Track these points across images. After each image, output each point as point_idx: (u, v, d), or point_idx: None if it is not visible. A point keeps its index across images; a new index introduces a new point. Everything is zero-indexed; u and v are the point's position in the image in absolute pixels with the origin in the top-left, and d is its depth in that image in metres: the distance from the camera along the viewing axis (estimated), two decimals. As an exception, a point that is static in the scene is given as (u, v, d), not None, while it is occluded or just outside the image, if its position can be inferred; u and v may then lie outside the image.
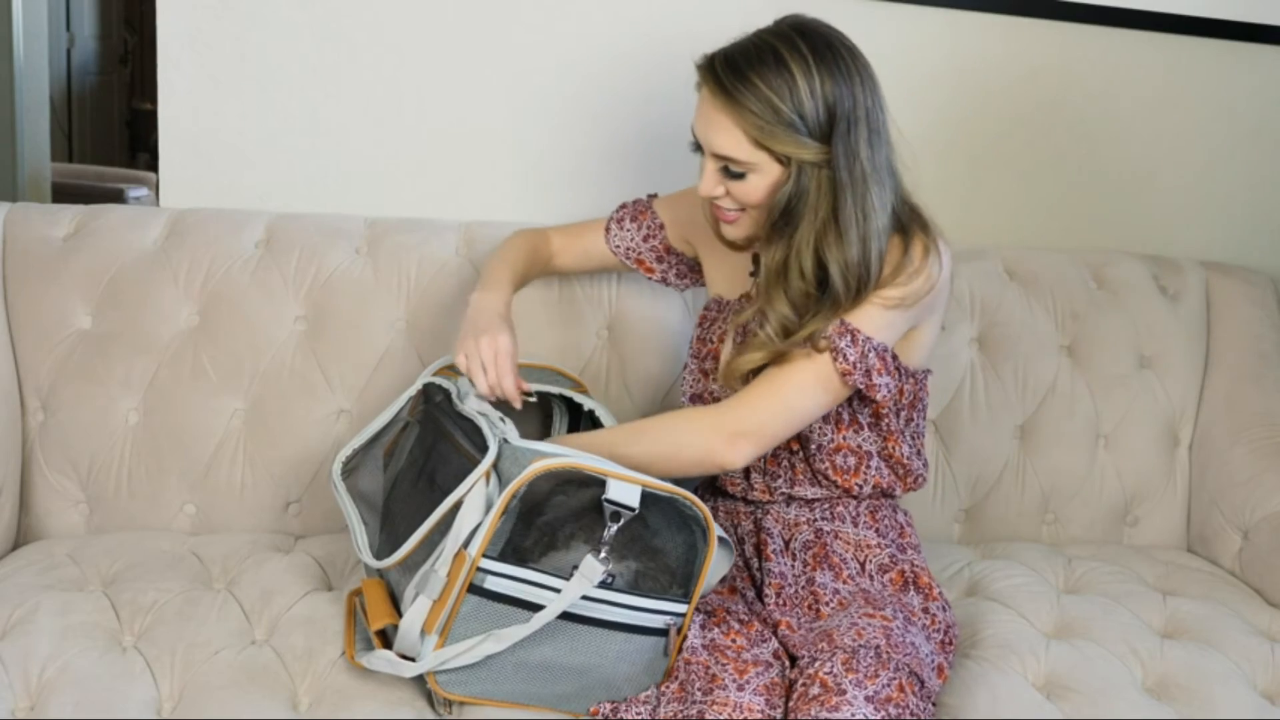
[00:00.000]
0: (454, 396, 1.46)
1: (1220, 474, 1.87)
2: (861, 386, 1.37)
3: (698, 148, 1.41)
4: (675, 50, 1.90)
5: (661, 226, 1.63)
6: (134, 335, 1.65)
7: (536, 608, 1.25)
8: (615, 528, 1.25)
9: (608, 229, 1.65)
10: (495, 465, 1.30)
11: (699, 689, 1.26)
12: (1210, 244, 2.15)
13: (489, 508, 1.25)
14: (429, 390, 1.53)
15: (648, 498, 1.27)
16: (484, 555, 1.24)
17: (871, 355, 1.37)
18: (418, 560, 1.30)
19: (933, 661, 1.37)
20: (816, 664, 1.27)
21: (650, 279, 1.67)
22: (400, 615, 1.30)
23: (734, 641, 1.33)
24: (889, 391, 1.39)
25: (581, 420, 1.62)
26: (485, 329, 1.44)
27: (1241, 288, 1.98)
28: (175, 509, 1.65)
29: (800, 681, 1.27)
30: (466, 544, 1.25)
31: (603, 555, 1.25)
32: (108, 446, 1.64)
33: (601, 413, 1.57)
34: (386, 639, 1.33)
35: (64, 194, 3.48)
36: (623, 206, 1.66)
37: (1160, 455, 1.91)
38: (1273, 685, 1.51)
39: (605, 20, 1.88)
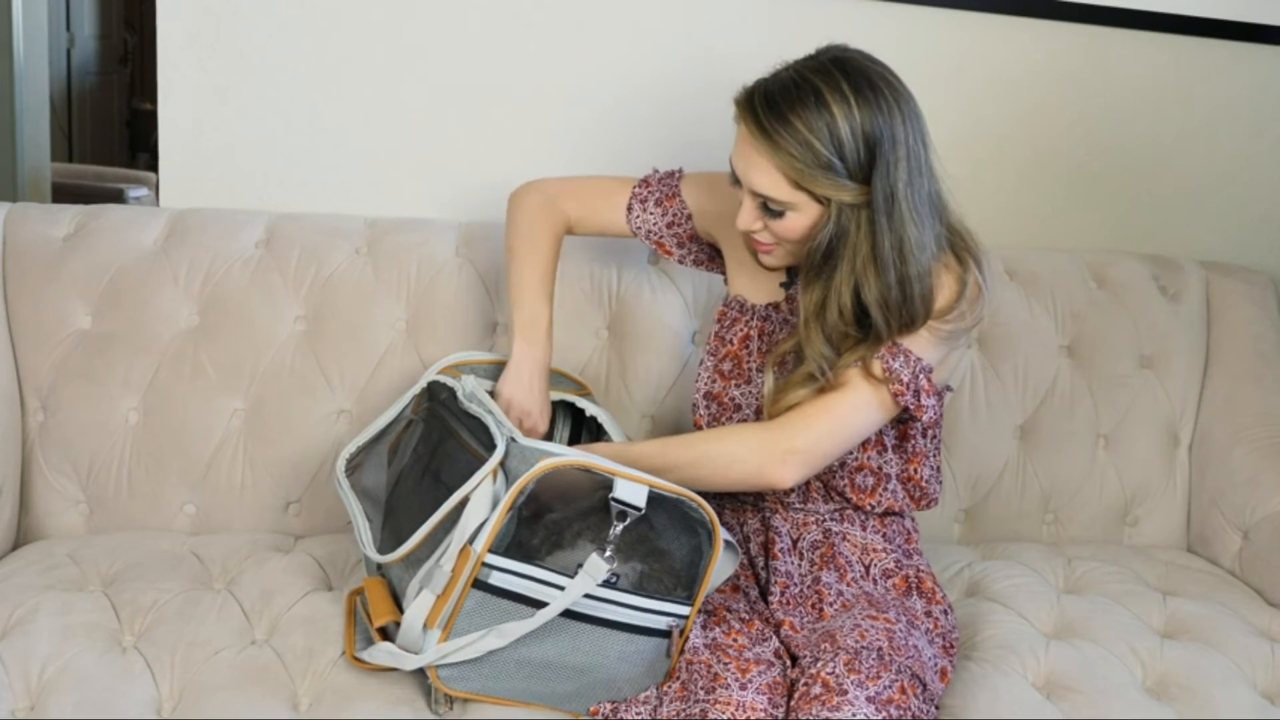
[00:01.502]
0: (459, 395, 1.46)
1: (1220, 474, 1.87)
2: (911, 407, 1.37)
3: (736, 181, 1.39)
4: (684, 52, 1.91)
5: (689, 216, 1.59)
6: (134, 335, 1.65)
7: (540, 604, 1.26)
8: (621, 527, 1.25)
9: (630, 208, 1.60)
10: (503, 463, 1.30)
11: (701, 688, 1.26)
12: (1210, 244, 2.14)
13: (495, 504, 1.25)
14: (433, 388, 1.53)
15: (654, 499, 1.26)
16: (489, 551, 1.24)
17: (922, 376, 1.37)
18: (421, 556, 1.30)
19: (935, 665, 1.37)
20: (819, 664, 1.27)
21: (668, 259, 1.66)
22: (402, 612, 1.30)
23: (735, 640, 1.33)
24: (934, 414, 1.39)
25: (584, 426, 1.62)
26: (528, 408, 1.51)
27: (1241, 288, 1.98)
28: (175, 509, 1.65)
29: (802, 681, 1.27)
30: (472, 540, 1.25)
31: (608, 554, 1.25)
32: (108, 446, 1.64)
33: (604, 419, 1.56)
34: (388, 636, 1.33)
35: (64, 194, 3.48)
36: (646, 184, 1.60)
37: (1160, 455, 1.91)
38: (1273, 685, 1.51)
39: (607, 21, 1.88)
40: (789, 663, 1.34)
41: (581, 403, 1.60)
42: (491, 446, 1.32)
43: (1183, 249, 2.10)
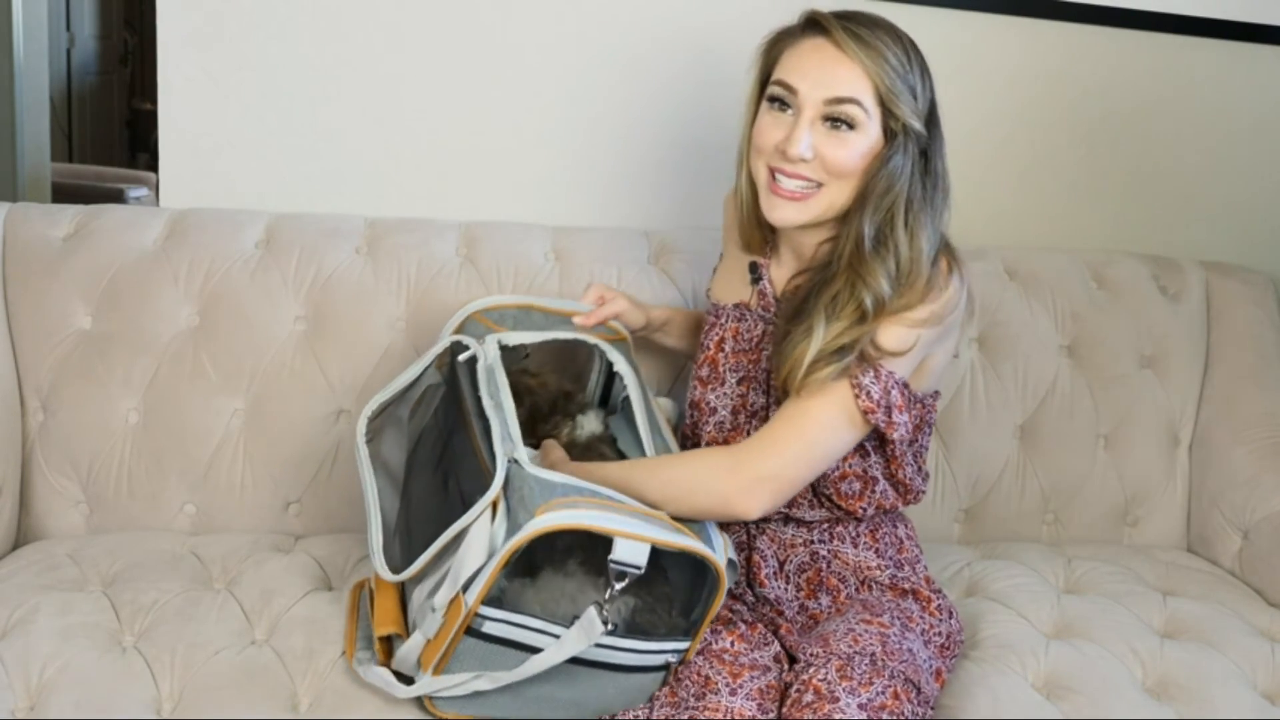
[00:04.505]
0: (479, 368, 1.40)
1: (1220, 474, 1.87)
2: (882, 425, 1.32)
3: (780, 105, 1.35)
4: (679, 51, 1.91)
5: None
6: (134, 335, 1.65)
7: (534, 649, 1.23)
8: (620, 586, 1.21)
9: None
10: (504, 490, 1.26)
11: (692, 694, 1.25)
12: (1210, 244, 2.15)
13: (491, 554, 1.21)
14: (455, 348, 1.46)
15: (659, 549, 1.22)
16: (482, 603, 1.21)
17: (894, 392, 1.32)
18: (427, 574, 1.29)
19: (930, 667, 1.36)
20: (811, 670, 1.26)
21: None
22: (406, 620, 1.30)
23: (731, 645, 1.32)
24: (906, 431, 1.35)
25: (614, 382, 1.55)
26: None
27: (1241, 288, 1.98)
28: (175, 509, 1.65)
29: (795, 687, 1.25)
30: (465, 588, 1.21)
31: (605, 613, 1.20)
32: (108, 446, 1.64)
33: (628, 378, 1.48)
34: (389, 644, 1.33)
35: (64, 194, 3.48)
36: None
37: (1160, 455, 1.91)
38: (1273, 685, 1.51)
39: (606, 19, 1.88)
40: (786, 667, 1.33)
41: (613, 355, 1.51)
42: (495, 463, 1.27)
43: (1183, 249, 2.10)
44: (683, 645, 1.28)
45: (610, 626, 1.20)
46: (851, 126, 1.32)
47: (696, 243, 1.82)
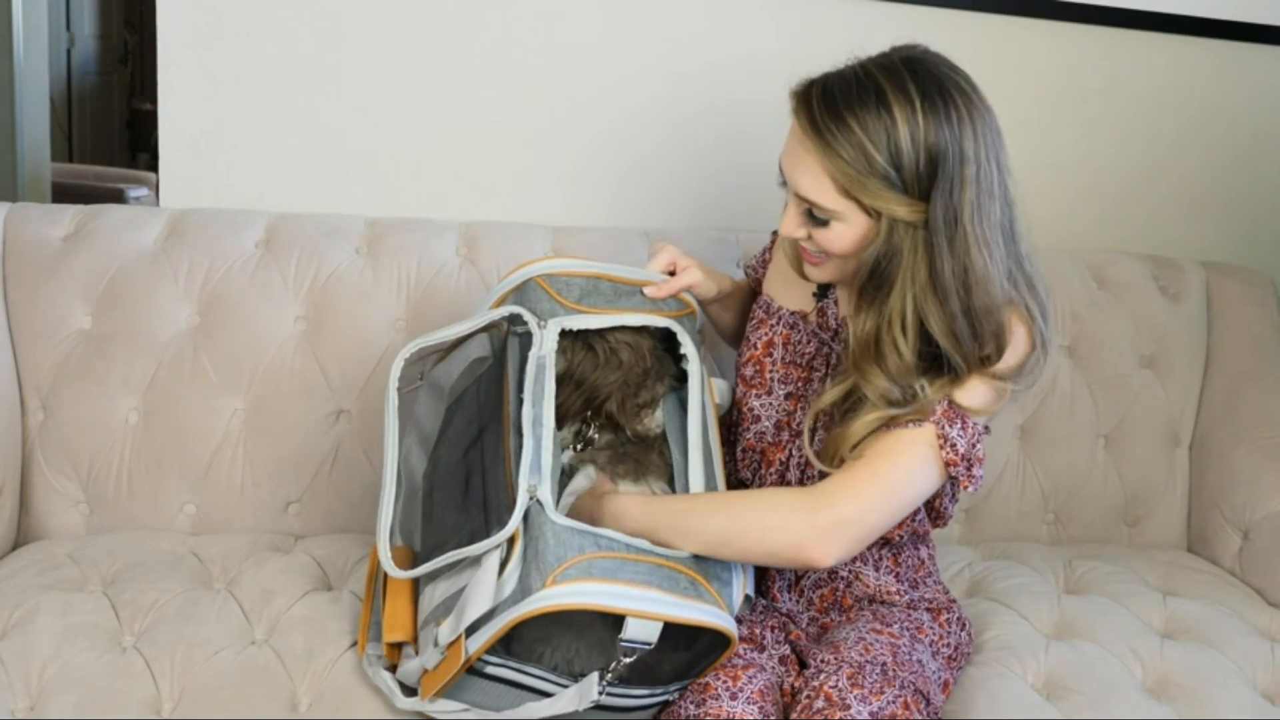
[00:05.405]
0: (532, 356, 1.32)
1: (1220, 474, 1.87)
2: (961, 477, 1.26)
3: (783, 182, 1.29)
4: (680, 51, 1.91)
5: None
6: (134, 335, 1.65)
7: (533, 691, 1.23)
8: (628, 661, 1.19)
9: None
10: (524, 522, 1.22)
11: (691, 701, 1.25)
12: (1210, 244, 2.15)
13: (498, 601, 1.18)
14: (514, 319, 1.37)
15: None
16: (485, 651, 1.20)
17: (979, 446, 1.27)
18: (443, 572, 1.28)
19: (939, 678, 1.36)
20: (822, 676, 1.25)
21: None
22: (416, 616, 1.29)
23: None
24: (979, 485, 1.28)
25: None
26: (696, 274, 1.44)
27: (1241, 288, 1.98)
28: (175, 509, 1.65)
29: (805, 693, 1.25)
30: (469, 633, 1.19)
31: (607, 680, 1.19)
32: (108, 446, 1.64)
33: (692, 363, 1.39)
34: (399, 644, 1.32)
35: (64, 194, 3.48)
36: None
37: (1160, 455, 1.91)
38: (1273, 685, 1.51)
39: (607, 20, 1.88)
40: (796, 671, 1.32)
41: (683, 336, 1.41)
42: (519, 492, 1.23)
43: (1183, 249, 2.10)
44: (684, 684, 1.27)
45: (606, 694, 1.19)
46: (826, 222, 1.25)
47: (696, 243, 1.82)
